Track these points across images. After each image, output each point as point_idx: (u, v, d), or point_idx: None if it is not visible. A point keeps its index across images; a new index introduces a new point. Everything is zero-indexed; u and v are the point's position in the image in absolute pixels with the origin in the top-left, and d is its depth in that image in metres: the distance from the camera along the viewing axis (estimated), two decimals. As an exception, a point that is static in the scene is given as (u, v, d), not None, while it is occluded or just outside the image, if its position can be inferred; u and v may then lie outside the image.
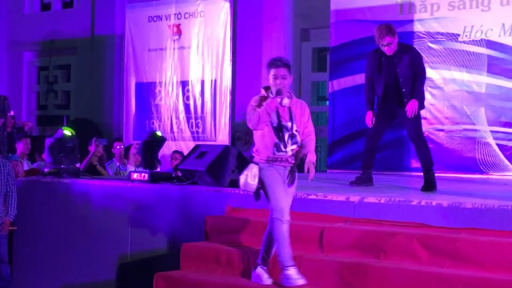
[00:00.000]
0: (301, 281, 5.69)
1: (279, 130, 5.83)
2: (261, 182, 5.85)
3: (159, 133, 9.49)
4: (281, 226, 5.71)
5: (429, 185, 7.72)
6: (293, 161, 5.92)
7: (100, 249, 8.36)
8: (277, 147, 5.83)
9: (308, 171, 5.82)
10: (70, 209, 8.75)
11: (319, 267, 5.95)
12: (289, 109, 5.90)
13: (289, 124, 5.86)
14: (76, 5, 18.63)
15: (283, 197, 5.78)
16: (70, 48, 18.16)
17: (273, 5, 13.71)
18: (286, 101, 5.86)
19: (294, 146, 5.87)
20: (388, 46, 7.86)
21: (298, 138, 5.87)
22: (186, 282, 6.39)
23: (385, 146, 9.16)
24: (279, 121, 5.84)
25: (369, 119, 8.10)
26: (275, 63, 5.86)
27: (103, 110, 17.37)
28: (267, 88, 5.94)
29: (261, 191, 5.88)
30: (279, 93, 5.79)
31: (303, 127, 5.95)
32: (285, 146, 5.82)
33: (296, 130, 5.87)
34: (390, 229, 6.20)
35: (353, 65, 11.16)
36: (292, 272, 5.70)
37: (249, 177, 5.84)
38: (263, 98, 5.87)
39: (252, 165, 5.88)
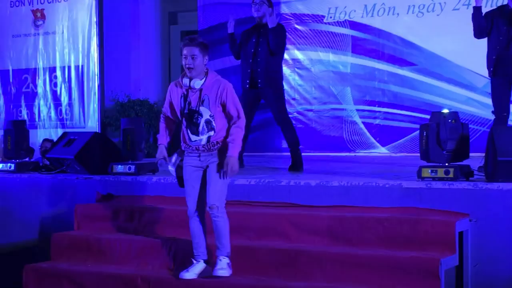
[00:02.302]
0: (200, 269, 5.63)
1: (190, 116, 5.37)
2: None
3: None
4: (189, 221, 5.61)
5: (296, 165, 7.89)
6: (213, 147, 5.40)
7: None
8: (184, 137, 5.46)
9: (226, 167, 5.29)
10: None
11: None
12: (200, 91, 5.38)
13: (201, 108, 5.36)
14: None
15: (189, 194, 5.54)
16: None
17: (140, -12, 13.54)
18: (196, 83, 5.37)
19: (211, 133, 5.37)
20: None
21: (214, 124, 5.36)
22: (56, 273, 6.30)
23: (255, 127, 9.22)
24: (187, 106, 5.38)
25: None
26: (184, 41, 5.38)
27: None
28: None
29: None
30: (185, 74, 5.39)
31: (228, 110, 5.36)
32: (197, 134, 5.37)
33: (210, 115, 5.35)
34: (261, 210, 6.31)
35: (222, 47, 11.16)
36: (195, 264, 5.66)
37: (170, 165, 5.58)
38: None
39: (175, 153, 5.57)
